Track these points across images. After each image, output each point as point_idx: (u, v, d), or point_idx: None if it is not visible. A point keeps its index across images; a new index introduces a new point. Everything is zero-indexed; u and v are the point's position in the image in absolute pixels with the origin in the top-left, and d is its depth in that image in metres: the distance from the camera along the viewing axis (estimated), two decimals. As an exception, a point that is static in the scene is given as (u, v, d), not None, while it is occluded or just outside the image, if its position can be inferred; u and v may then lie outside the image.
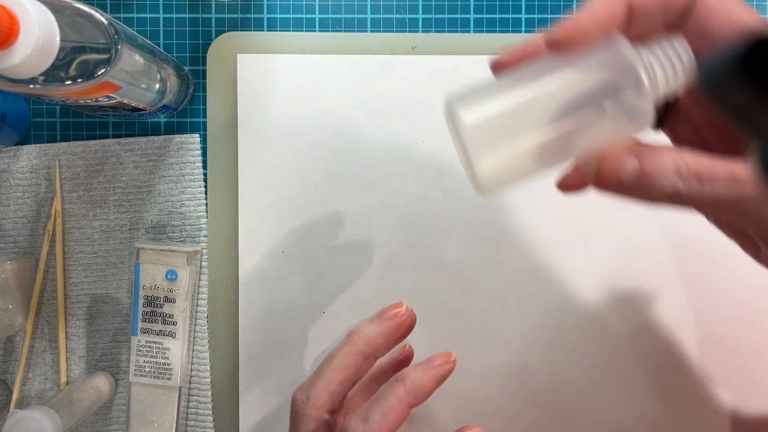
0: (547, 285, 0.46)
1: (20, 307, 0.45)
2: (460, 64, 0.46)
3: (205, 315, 0.46)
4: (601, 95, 0.22)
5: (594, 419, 0.46)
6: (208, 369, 0.46)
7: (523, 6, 0.47)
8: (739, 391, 0.46)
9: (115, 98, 0.37)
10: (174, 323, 0.44)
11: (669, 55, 0.23)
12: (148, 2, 0.47)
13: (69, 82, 0.32)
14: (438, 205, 0.46)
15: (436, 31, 0.47)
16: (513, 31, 0.47)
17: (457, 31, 0.47)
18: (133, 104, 0.39)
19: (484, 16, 0.47)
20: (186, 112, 0.47)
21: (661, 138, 0.28)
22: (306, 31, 0.47)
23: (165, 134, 0.47)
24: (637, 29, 0.25)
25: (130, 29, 0.37)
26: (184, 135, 0.47)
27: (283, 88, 0.46)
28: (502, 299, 0.46)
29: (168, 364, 0.44)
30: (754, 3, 0.47)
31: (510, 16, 0.47)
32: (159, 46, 0.47)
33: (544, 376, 0.46)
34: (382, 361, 0.41)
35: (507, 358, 0.46)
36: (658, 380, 0.46)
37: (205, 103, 0.47)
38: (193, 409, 0.46)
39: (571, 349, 0.46)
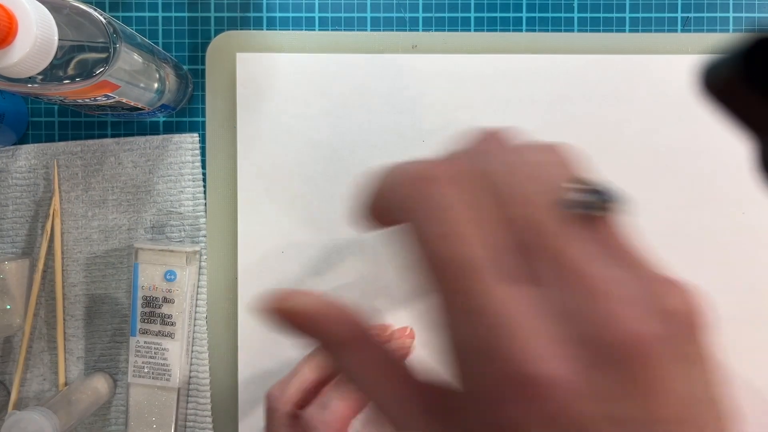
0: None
1: (18, 308, 0.45)
2: (460, 63, 0.46)
3: (204, 315, 0.46)
4: None
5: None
6: (208, 370, 0.46)
7: (524, 5, 0.47)
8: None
9: (114, 97, 0.37)
10: (173, 324, 0.43)
11: None
12: (147, 1, 0.47)
13: (67, 81, 0.32)
14: (438, 205, 0.46)
15: (436, 30, 0.47)
16: (514, 30, 0.47)
17: (457, 30, 0.47)
18: (131, 103, 0.39)
19: (485, 15, 0.47)
20: (185, 111, 0.47)
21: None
22: (306, 29, 0.47)
23: (164, 134, 0.47)
24: None
25: (128, 28, 0.36)
26: (183, 134, 0.46)
27: (282, 88, 0.46)
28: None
29: (167, 365, 0.43)
30: (757, 2, 0.47)
31: (511, 15, 0.47)
32: (158, 45, 0.47)
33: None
34: None
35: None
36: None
37: (204, 103, 0.46)
38: (192, 411, 0.46)
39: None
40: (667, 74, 0.46)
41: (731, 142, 0.46)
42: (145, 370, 0.43)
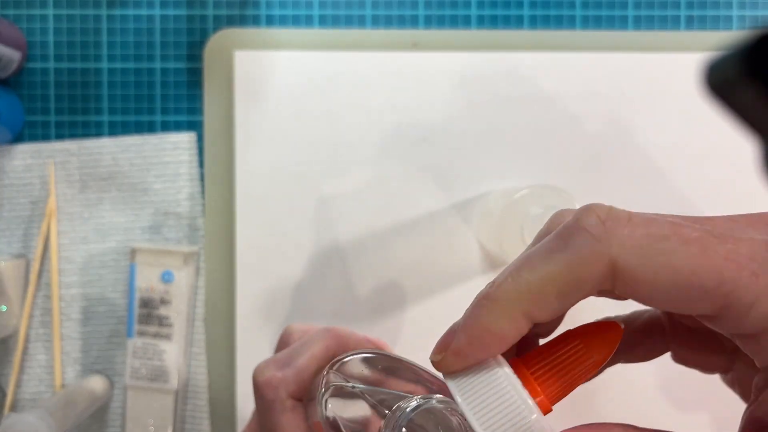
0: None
1: (14, 309, 0.44)
2: (461, 61, 0.45)
3: (202, 317, 0.45)
4: None
5: (598, 419, 0.45)
6: (205, 372, 0.45)
7: (526, 2, 0.46)
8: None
9: None
10: (170, 325, 0.43)
11: None
12: (143, -2, 0.46)
13: None
14: (439, 205, 0.45)
15: (437, 28, 0.46)
16: (515, 28, 0.46)
17: (458, 28, 0.46)
18: None
19: (486, 12, 0.46)
20: (182, 110, 0.46)
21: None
22: (305, 27, 0.46)
23: (161, 133, 0.46)
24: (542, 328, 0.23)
25: None
26: (181, 133, 0.46)
27: (281, 86, 0.45)
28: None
29: (164, 367, 0.43)
30: (760, 0, 0.47)
31: (512, 12, 0.46)
32: (155, 43, 0.46)
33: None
34: None
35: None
36: (665, 379, 0.45)
37: (201, 101, 0.46)
38: (189, 413, 0.45)
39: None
40: (669, 72, 0.45)
41: (735, 141, 0.45)
42: (143, 372, 0.43)
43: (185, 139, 0.46)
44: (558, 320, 0.23)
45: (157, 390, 0.43)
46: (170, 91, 0.46)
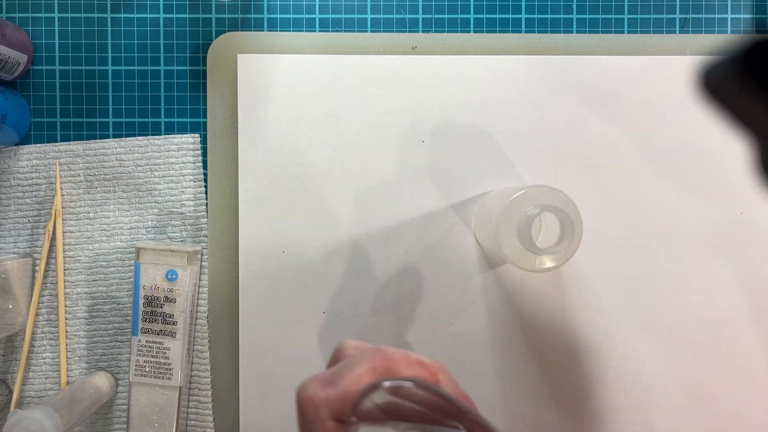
0: (548, 283, 0.46)
1: (20, 307, 0.45)
2: (460, 64, 0.46)
3: (206, 315, 0.46)
4: None
5: (596, 418, 0.46)
6: (209, 369, 0.46)
7: (523, 6, 0.47)
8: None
9: None
10: (174, 323, 0.44)
11: None
12: (148, 2, 0.47)
13: None
14: (437, 205, 0.46)
15: (436, 31, 0.47)
16: (513, 31, 0.47)
17: (457, 31, 0.47)
18: None
19: (484, 16, 0.47)
20: (186, 112, 0.47)
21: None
22: (306, 31, 0.47)
23: (165, 134, 0.47)
24: None
25: None
26: (185, 135, 0.47)
27: (283, 88, 0.46)
28: (504, 299, 0.46)
29: (168, 364, 0.44)
30: (755, 3, 0.47)
31: (510, 16, 0.47)
32: (159, 46, 0.47)
33: (547, 375, 0.46)
34: None
35: (509, 358, 0.46)
36: (664, 379, 0.46)
37: (205, 103, 0.47)
38: (193, 409, 0.46)
39: (573, 346, 0.46)
40: (665, 75, 0.46)
41: (729, 143, 0.46)
42: (147, 369, 0.44)
43: (189, 140, 0.46)
44: None
45: (161, 386, 0.44)
46: (174, 94, 0.47)
